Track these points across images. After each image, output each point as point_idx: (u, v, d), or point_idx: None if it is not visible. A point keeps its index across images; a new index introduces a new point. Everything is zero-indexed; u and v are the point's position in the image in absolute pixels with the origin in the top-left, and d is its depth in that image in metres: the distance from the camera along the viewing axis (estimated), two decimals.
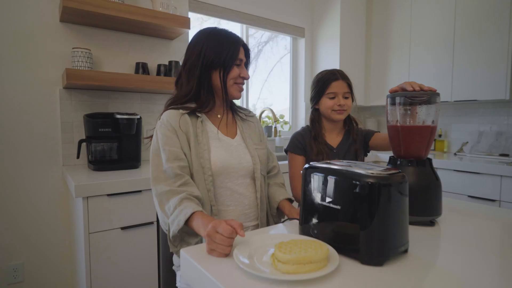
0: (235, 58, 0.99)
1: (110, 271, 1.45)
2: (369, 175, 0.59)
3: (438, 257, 0.64)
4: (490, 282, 0.52)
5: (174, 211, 0.83)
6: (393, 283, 0.51)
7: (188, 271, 0.62)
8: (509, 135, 2.47)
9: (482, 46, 2.34)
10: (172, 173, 0.89)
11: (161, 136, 0.94)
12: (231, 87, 1.01)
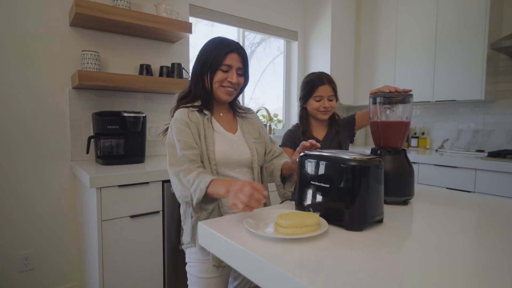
0: (219, 63, 1.08)
1: (120, 255, 1.57)
2: (352, 159, 0.73)
3: (409, 227, 0.78)
4: (454, 245, 0.66)
5: (193, 182, 0.94)
6: (370, 243, 0.65)
7: (207, 238, 0.75)
8: (485, 133, 2.66)
9: (460, 50, 2.52)
10: (187, 159, 1.01)
11: (175, 129, 1.06)
12: (217, 90, 1.12)
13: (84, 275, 1.88)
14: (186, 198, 0.98)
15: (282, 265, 0.54)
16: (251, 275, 0.60)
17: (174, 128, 1.07)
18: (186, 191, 0.97)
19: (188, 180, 0.96)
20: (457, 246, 0.64)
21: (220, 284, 1.09)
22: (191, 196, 0.95)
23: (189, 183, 0.96)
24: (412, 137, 3.14)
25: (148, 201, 1.64)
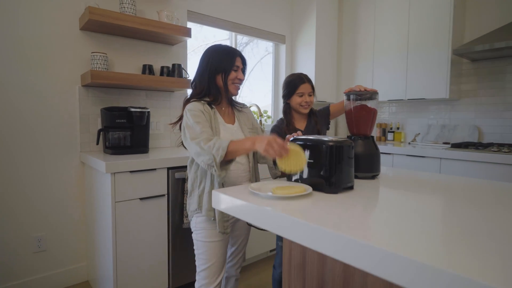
0: (233, 65, 1.31)
1: (131, 232, 1.75)
2: (330, 141, 0.96)
3: (375, 192, 1.01)
4: (411, 202, 0.90)
5: (214, 146, 1.10)
6: (343, 200, 0.88)
7: (220, 202, 0.96)
8: (451, 128, 2.97)
9: (429, 55, 2.80)
10: (206, 134, 1.17)
11: (192, 115, 1.22)
12: (230, 86, 1.34)
13: (93, 256, 2.05)
14: (209, 160, 1.10)
15: (282, 212, 0.76)
16: (257, 222, 0.82)
17: (190, 114, 1.23)
18: (209, 155, 1.10)
19: (209, 146, 1.11)
20: (413, 202, 0.87)
21: (221, 248, 1.29)
22: (214, 157, 1.09)
23: (210, 148, 1.11)
24: (389, 132, 3.43)
25: (155, 186, 1.83)
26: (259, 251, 2.44)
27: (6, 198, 1.89)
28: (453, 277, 0.47)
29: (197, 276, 1.28)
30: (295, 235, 0.72)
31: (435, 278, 0.49)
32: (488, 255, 0.54)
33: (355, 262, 0.62)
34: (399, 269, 0.54)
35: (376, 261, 0.58)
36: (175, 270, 1.94)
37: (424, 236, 0.62)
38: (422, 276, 0.51)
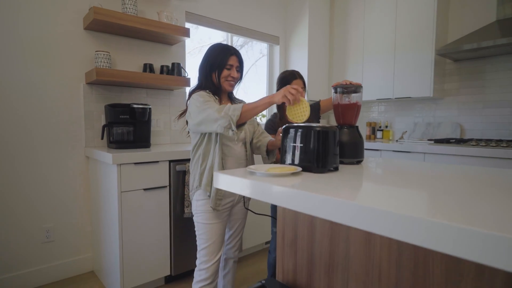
0: (225, 63, 1.41)
1: (136, 221, 1.86)
2: (318, 127, 1.08)
3: (359, 173, 1.14)
4: (394, 181, 1.03)
5: (229, 109, 1.21)
6: (330, 178, 1.00)
7: (221, 181, 1.08)
8: (435, 125, 3.13)
9: (414, 56, 2.96)
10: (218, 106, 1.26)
11: (200, 96, 1.32)
12: (224, 83, 1.45)
13: (99, 247, 2.15)
14: (226, 122, 1.21)
15: (278, 186, 0.88)
16: (257, 196, 0.94)
17: (199, 96, 1.32)
18: (226, 117, 1.20)
19: (225, 111, 1.22)
20: (394, 176, 1.00)
21: (219, 229, 1.41)
22: (231, 117, 1.19)
23: (225, 112, 1.21)
24: (378, 130, 3.58)
25: (158, 177, 1.94)
26: (255, 243, 2.56)
27: (17, 191, 1.98)
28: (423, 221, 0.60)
29: (198, 254, 1.40)
30: (287, 202, 0.85)
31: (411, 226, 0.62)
32: (453, 206, 0.66)
33: (340, 219, 0.74)
34: (379, 221, 0.67)
35: (357, 215, 0.70)
36: (176, 258, 2.05)
37: (404, 196, 0.75)
38: (399, 224, 0.64)
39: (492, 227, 0.53)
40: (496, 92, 2.75)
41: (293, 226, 1.29)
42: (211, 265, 1.37)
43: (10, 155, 1.96)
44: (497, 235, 0.50)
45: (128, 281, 1.84)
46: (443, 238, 0.56)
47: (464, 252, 0.53)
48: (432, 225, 0.57)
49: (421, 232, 0.58)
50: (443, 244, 0.55)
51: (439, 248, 0.56)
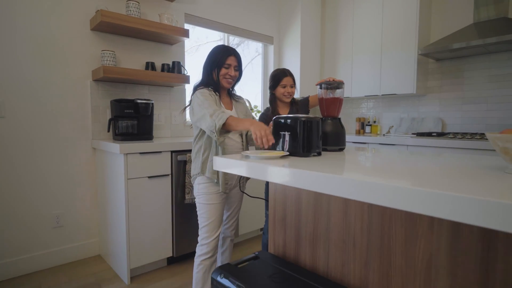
0: (223, 63, 1.57)
1: (141, 206, 2.02)
2: (303, 117, 1.25)
3: (342, 157, 1.31)
4: (373, 160, 1.20)
5: (218, 116, 1.37)
6: (314, 160, 1.17)
7: (221, 165, 1.24)
8: (419, 120, 3.32)
9: (399, 55, 3.14)
10: (213, 108, 1.42)
11: (201, 95, 1.48)
12: (222, 81, 1.61)
13: (105, 232, 2.30)
14: (211, 127, 1.37)
15: (270, 165, 1.05)
16: (251, 174, 1.10)
17: (201, 94, 1.49)
18: (212, 122, 1.37)
19: (213, 116, 1.38)
20: (372, 157, 1.18)
21: (218, 210, 1.57)
22: (215, 124, 1.36)
23: (213, 117, 1.38)
24: (367, 125, 3.76)
25: (161, 166, 2.10)
26: (251, 229, 2.73)
27: (30, 179, 2.13)
28: (396, 188, 0.77)
29: (200, 231, 1.56)
30: (276, 178, 1.01)
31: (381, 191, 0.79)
32: (412, 175, 0.84)
33: (322, 189, 0.91)
34: (355, 189, 0.83)
35: (336, 186, 0.87)
36: (178, 240, 2.22)
37: (376, 171, 0.92)
38: (371, 191, 0.81)
39: (438, 187, 0.70)
40: (473, 89, 2.94)
41: (283, 206, 1.46)
42: (211, 241, 1.54)
43: (25, 147, 2.11)
44: (439, 192, 0.67)
45: (134, 261, 2.01)
46: (405, 199, 0.72)
47: (417, 207, 0.70)
48: (397, 189, 0.73)
49: (390, 196, 0.75)
50: (406, 203, 0.72)
51: (401, 207, 0.72)
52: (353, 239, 1.17)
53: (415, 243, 1.00)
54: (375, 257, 1.10)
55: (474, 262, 0.87)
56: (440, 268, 0.94)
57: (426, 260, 0.97)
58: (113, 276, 2.10)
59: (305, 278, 1.18)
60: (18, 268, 2.09)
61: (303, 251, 1.37)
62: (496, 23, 2.57)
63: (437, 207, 0.65)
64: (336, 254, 1.23)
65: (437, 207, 0.65)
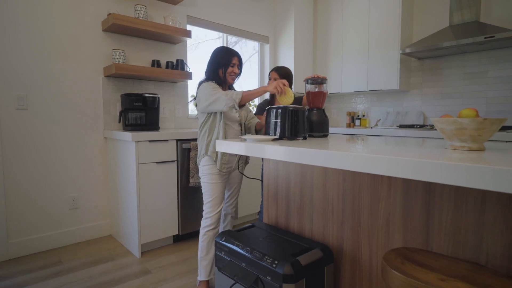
0: (230, 62, 1.82)
1: (150, 189, 2.26)
2: (291, 107, 1.49)
3: (326, 141, 1.56)
4: (353, 142, 1.45)
5: (233, 94, 1.63)
6: (298, 143, 1.42)
7: (223, 146, 1.48)
8: (403, 114, 3.58)
9: (384, 54, 3.39)
10: (221, 91, 1.67)
11: (209, 85, 1.71)
12: (228, 77, 1.85)
13: (116, 214, 2.54)
14: (230, 103, 1.65)
15: (263, 144, 1.29)
16: (248, 152, 1.34)
17: (208, 85, 1.72)
18: (230, 100, 1.65)
19: (230, 95, 1.65)
20: (353, 141, 1.42)
21: (220, 188, 1.81)
22: (234, 100, 1.64)
23: (230, 96, 1.65)
24: (356, 119, 4.01)
25: (167, 153, 2.34)
26: (249, 212, 2.98)
27: (49, 165, 2.36)
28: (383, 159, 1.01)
29: (204, 207, 1.81)
30: (268, 154, 1.26)
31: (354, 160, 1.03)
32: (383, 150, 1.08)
33: (307, 161, 1.15)
34: (334, 159, 1.08)
35: (316, 157, 1.11)
36: (183, 220, 2.46)
37: (352, 148, 1.17)
38: (347, 160, 1.05)
39: (391, 155, 0.95)
40: (450, 85, 3.20)
41: (275, 184, 1.71)
42: (214, 214, 1.78)
43: (45, 136, 2.33)
44: (391, 158, 0.92)
45: (144, 237, 2.25)
46: (377, 165, 0.97)
47: (377, 170, 0.95)
48: (362, 157, 0.98)
49: (361, 164, 0.99)
50: (370, 167, 0.97)
51: (371, 171, 0.97)
52: (331, 207, 1.43)
53: (378, 205, 1.25)
54: (348, 219, 1.36)
55: (419, 213, 1.13)
56: (396, 222, 1.19)
57: (386, 217, 1.22)
58: (125, 252, 2.34)
59: (293, 239, 1.44)
60: (39, 244, 2.33)
61: (292, 220, 1.63)
62: (469, 26, 2.82)
63: (390, 169, 0.89)
64: (319, 219, 1.48)
65: (391, 168, 0.89)
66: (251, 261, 1.29)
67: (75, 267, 2.08)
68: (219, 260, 1.49)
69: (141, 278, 1.95)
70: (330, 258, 1.33)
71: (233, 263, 1.40)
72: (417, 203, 1.13)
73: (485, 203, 0.98)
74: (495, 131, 0.98)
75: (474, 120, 0.96)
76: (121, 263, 2.15)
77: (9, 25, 2.16)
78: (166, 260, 2.21)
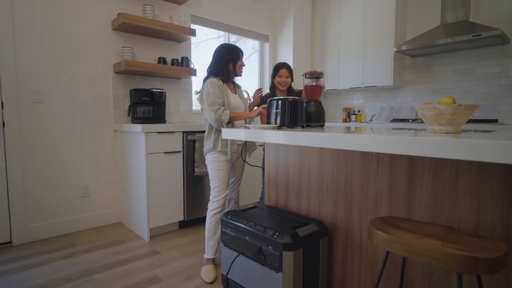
0: (239, 57, 1.97)
1: (158, 176, 2.40)
2: (290, 98, 1.64)
3: (322, 130, 1.70)
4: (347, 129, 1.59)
5: (222, 113, 1.77)
6: (296, 130, 1.56)
7: (229, 134, 1.62)
8: (397, 109, 3.72)
9: (378, 52, 3.53)
10: (217, 103, 1.81)
11: (211, 87, 1.85)
12: (238, 70, 2.00)
13: (125, 202, 2.68)
14: (217, 121, 1.81)
15: (265, 131, 1.43)
16: (252, 138, 1.48)
17: (211, 85, 1.86)
18: (219, 118, 1.79)
19: (220, 113, 1.80)
20: (348, 129, 1.56)
21: (226, 175, 1.95)
22: (222, 119, 1.79)
23: (220, 114, 1.79)
24: (352, 114, 4.16)
25: (174, 144, 2.48)
26: (250, 201, 3.13)
27: (63, 155, 2.50)
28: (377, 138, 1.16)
29: (211, 192, 1.95)
30: (269, 138, 1.40)
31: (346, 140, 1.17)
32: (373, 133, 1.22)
33: (304, 143, 1.30)
34: (328, 140, 1.22)
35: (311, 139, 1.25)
36: (188, 207, 2.60)
37: (347, 133, 1.31)
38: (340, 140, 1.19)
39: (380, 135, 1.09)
40: (441, 82, 3.34)
41: (275, 169, 1.85)
42: (221, 199, 1.92)
43: (59, 128, 2.47)
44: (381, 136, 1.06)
45: (152, 222, 2.39)
46: (367, 143, 1.11)
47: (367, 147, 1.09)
48: (358, 137, 1.12)
49: (354, 142, 1.14)
50: (363, 146, 1.11)
51: (362, 148, 1.11)
52: (326, 187, 1.57)
53: (367, 184, 1.39)
54: (341, 198, 1.50)
55: (403, 189, 1.27)
56: (383, 198, 1.34)
57: (375, 194, 1.37)
58: (134, 236, 2.48)
59: (292, 217, 1.58)
60: (55, 229, 2.47)
61: (290, 201, 1.77)
62: (459, 25, 2.96)
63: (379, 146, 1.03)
64: (315, 199, 1.63)
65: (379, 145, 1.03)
66: (255, 234, 1.44)
67: (89, 249, 2.22)
68: (225, 236, 1.63)
69: (152, 258, 2.09)
70: (325, 232, 1.48)
71: (238, 237, 1.54)
72: (401, 181, 1.28)
73: (458, 178, 1.12)
74: (469, 116, 1.12)
75: (450, 106, 1.10)
76: (131, 245, 2.29)
77: (29, 26, 2.30)
78: (173, 243, 2.35)
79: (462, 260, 0.79)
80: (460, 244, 0.88)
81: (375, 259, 1.38)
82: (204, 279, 1.82)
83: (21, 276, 1.85)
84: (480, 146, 0.77)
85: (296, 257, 1.33)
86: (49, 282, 1.77)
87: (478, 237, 0.95)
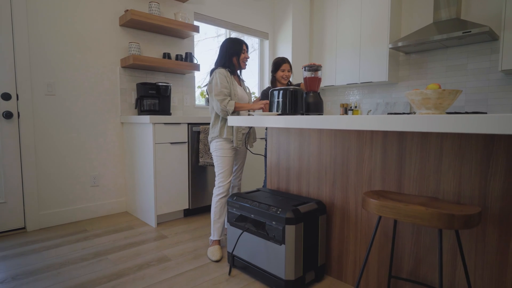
0: (242, 50, 2.08)
1: (164, 165, 2.52)
2: (291, 88, 1.76)
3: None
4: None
5: (228, 103, 1.88)
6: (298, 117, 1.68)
7: (234, 121, 1.75)
8: (392, 104, 3.86)
9: (374, 49, 3.67)
10: (223, 93, 1.93)
11: (219, 77, 1.96)
12: (242, 63, 2.12)
13: (132, 192, 2.79)
14: (223, 111, 1.93)
15: (268, 116, 1.56)
16: (256, 124, 1.61)
17: (218, 76, 1.98)
18: (224, 108, 1.91)
19: (224, 105, 1.91)
20: None
21: (230, 162, 2.07)
22: (227, 109, 1.90)
23: (224, 105, 1.91)
24: (349, 110, 4.29)
25: (180, 135, 2.60)
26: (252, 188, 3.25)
27: (73, 146, 2.61)
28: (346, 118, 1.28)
29: (216, 178, 2.07)
30: (271, 123, 1.52)
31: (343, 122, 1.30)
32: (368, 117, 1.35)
33: (303, 125, 1.42)
34: (325, 122, 1.34)
35: (310, 121, 1.38)
36: (193, 195, 2.72)
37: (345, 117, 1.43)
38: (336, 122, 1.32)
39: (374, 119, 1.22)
40: (434, 77, 3.49)
41: (277, 155, 1.98)
42: (225, 184, 2.05)
43: (70, 119, 2.58)
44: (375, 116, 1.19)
45: (159, 210, 2.51)
46: (359, 123, 1.24)
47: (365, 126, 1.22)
48: (354, 118, 1.26)
49: (349, 122, 1.26)
50: (360, 125, 1.24)
51: (357, 127, 1.24)
52: (324, 169, 1.70)
53: (362, 165, 1.53)
54: (338, 178, 1.63)
55: (394, 167, 1.40)
56: (376, 176, 1.47)
57: (369, 173, 1.50)
58: (141, 223, 2.60)
59: (293, 197, 1.71)
60: (65, 216, 2.58)
61: (291, 184, 1.90)
62: (451, 23, 3.11)
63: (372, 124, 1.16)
64: (314, 181, 1.76)
65: (372, 124, 1.16)
66: (259, 212, 1.56)
67: (100, 234, 2.34)
68: (231, 215, 1.75)
69: (160, 241, 2.21)
70: (323, 210, 1.61)
71: (243, 216, 1.67)
72: (392, 160, 1.41)
73: (442, 155, 1.26)
74: (453, 100, 1.25)
75: (436, 91, 1.23)
76: (140, 231, 2.41)
77: (42, 23, 2.41)
78: (179, 228, 2.47)
79: (441, 217, 0.92)
80: (442, 208, 1.01)
81: (369, 234, 1.51)
82: (211, 258, 1.94)
83: (38, 256, 1.96)
84: (460, 120, 0.90)
85: (297, 230, 1.45)
86: (66, 261, 1.89)
87: (458, 203, 1.08)
